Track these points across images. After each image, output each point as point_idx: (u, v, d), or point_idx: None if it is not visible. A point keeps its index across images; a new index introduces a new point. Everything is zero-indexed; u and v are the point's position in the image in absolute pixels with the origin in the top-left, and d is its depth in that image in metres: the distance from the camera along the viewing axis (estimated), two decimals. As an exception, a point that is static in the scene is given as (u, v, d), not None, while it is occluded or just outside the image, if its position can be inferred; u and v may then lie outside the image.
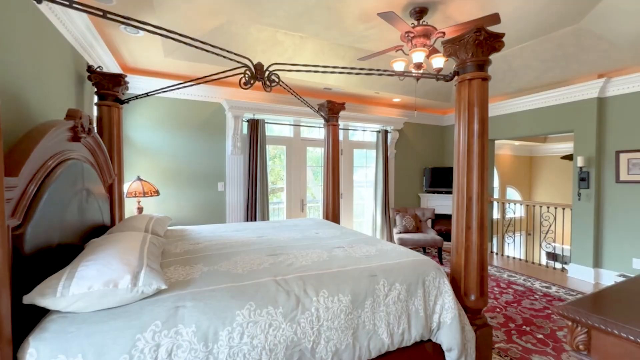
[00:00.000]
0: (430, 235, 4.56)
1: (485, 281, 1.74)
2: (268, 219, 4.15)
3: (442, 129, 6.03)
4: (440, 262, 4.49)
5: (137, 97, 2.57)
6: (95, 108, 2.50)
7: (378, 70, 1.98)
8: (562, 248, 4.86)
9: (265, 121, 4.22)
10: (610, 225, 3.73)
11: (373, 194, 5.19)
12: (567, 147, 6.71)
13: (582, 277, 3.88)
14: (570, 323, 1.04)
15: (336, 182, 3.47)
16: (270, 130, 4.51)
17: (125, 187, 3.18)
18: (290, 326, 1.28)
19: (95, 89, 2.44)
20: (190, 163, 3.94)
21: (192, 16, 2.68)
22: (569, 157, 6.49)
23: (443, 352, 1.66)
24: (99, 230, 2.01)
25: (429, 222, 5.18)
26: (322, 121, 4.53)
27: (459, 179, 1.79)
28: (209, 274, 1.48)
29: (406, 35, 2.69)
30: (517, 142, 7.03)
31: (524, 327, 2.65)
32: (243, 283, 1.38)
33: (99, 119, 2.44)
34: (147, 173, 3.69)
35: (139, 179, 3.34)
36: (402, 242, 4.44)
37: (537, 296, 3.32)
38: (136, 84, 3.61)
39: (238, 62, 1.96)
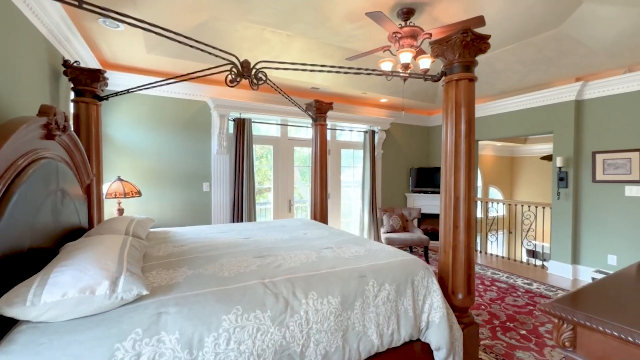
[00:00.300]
0: (417, 234, 4.61)
1: (472, 280, 1.76)
2: (255, 220, 4.09)
3: (428, 130, 6.12)
4: (427, 261, 4.55)
5: (117, 93, 2.47)
6: (71, 105, 2.38)
7: (367, 69, 1.97)
8: (542, 246, 5.02)
9: (252, 120, 4.15)
10: (587, 223, 3.88)
11: (360, 193, 5.21)
12: (546, 147, 6.95)
13: (561, 274, 4.01)
14: (556, 320, 1.05)
15: (324, 182, 3.45)
16: (257, 130, 4.44)
17: (105, 187, 3.05)
18: (279, 330, 1.24)
19: (72, 85, 2.32)
20: (174, 163, 3.82)
21: (174, 11, 2.60)
22: (548, 158, 6.73)
23: (431, 351, 1.66)
24: (75, 234, 1.91)
25: (415, 222, 5.24)
26: (310, 121, 4.51)
27: (446, 179, 1.81)
28: (194, 277, 1.43)
29: (394, 35, 2.70)
30: (499, 143, 7.22)
31: (508, 323, 2.71)
32: (229, 286, 1.33)
33: (76, 116, 2.32)
34: (129, 173, 3.56)
35: (119, 179, 3.21)
36: (390, 242, 4.47)
37: (519, 293, 3.41)
38: (116, 81, 3.47)
39: (224, 59, 1.91)
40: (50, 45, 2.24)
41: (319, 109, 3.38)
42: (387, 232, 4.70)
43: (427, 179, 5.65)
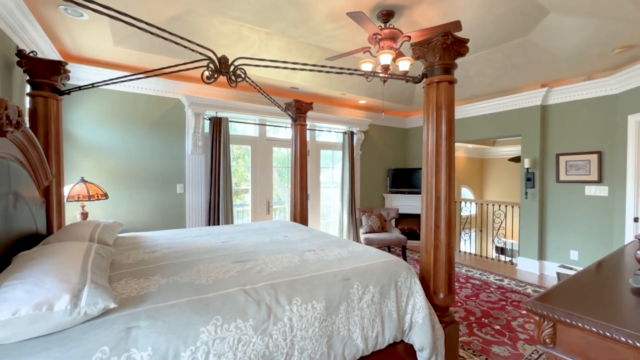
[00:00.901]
0: (395, 234, 4.68)
1: (453, 279, 1.78)
2: (232, 223, 3.95)
3: (405, 131, 6.25)
4: (405, 260, 4.63)
5: (80, 88, 2.27)
6: (27, 99, 2.16)
7: (349, 69, 1.95)
8: (512, 243, 5.29)
9: (229, 119, 4.01)
10: (551, 221, 4.12)
11: (340, 194, 5.21)
12: (513, 150, 7.33)
13: (529, 269, 4.23)
14: (537, 318, 1.08)
15: (304, 183, 3.40)
16: (234, 129, 4.31)
17: (66, 190, 2.81)
18: (262, 339, 1.18)
19: (28, 77, 2.11)
20: (145, 163, 3.61)
21: (145, 1, 2.44)
22: (515, 159, 7.10)
23: (414, 352, 1.67)
24: (31, 241, 1.73)
25: (393, 222, 5.32)
26: (289, 121, 4.44)
27: (427, 179, 1.83)
28: (168, 286, 1.33)
29: (374, 37, 2.71)
30: (470, 145, 7.53)
31: (483, 319, 2.80)
32: (208, 295, 1.25)
33: (33, 111, 2.11)
34: (93, 174, 3.31)
35: (83, 180, 2.97)
36: (369, 242, 4.50)
37: (492, 289, 3.54)
38: (79, 74, 3.22)
39: (201, 53, 1.81)
40: (1, 32, 2.02)
41: (299, 109, 3.33)
42: (366, 233, 4.73)
43: (404, 179, 5.76)
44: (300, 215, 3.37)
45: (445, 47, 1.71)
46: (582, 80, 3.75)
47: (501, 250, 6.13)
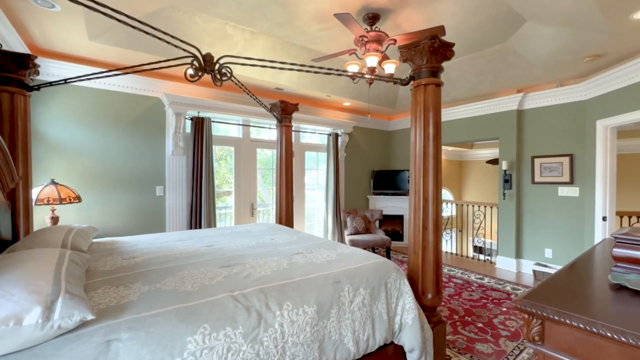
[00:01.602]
0: (379, 235, 4.72)
1: (441, 279, 1.80)
2: (215, 226, 3.84)
3: (389, 134, 6.34)
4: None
5: (51, 83, 2.12)
6: (-10, 94, 2.00)
7: (337, 70, 1.94)
8: (490, 242, 5.47)
9: (212, 120, 3.91)
10: (528, 221, 4.29)
11: (324, 196, 5.19)
12: (490, 152, 7.61)
13: (507, 267, 4.39)
14: (526, 316, 1.10)
15: (290, 185, 3.36)
16: (217, 130, 4.20)
17: (35, 192, 2.62)
18: (252, 347, 1.14)
19: (-9, 71, 1.95)
20: (122, 164, 3.44)
21: (125, -5, 2.33)
22: (492, 162, 7.38)
23: (404, 353, 1.67)
24: (-6, 248, 1.59)
25: (377, 223, 5.37)
26: (273, 122, 4.39)
27: (415, 181, 1.84)
28: (150, 294, 1.25)
29: (360, 39, 2.73)
30: (450, 148, 7.76)
31: (466, 317, 2.86)
32: (194, 302, 1.19)
33: (-4, 108, 1.95)
34: (65, 176, 3.12)
35: (53, 182, 2.79)
36: (354, 243, 4.51)
37: (473, 287, 3.64)
38: (50, 69, 3.03)
39: (184, 50, 1.74)
40: (-39, 21, 1.86)
41: (285, 110, 3.29)
42: (351, 234, 4.74)
43: (388, 181, 5.84)
44: (286, 217, 3.33)
45: (432, 50, 1.73)
46: (554, 87, 3.94)
47: (480, 250, 6.34)
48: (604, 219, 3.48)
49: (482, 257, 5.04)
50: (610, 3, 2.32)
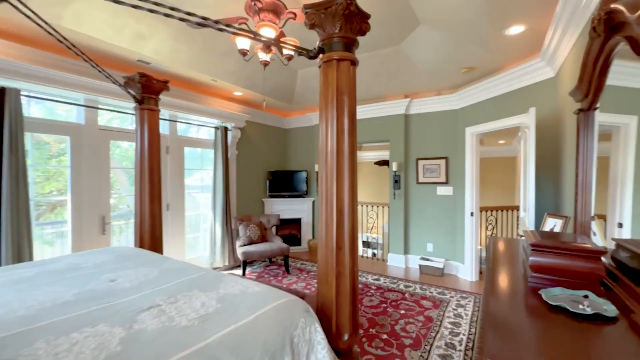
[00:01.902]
0: (277, 243, 4.23)
1: (357, 313, 1.42)
2: (31, 257, 2.53)
3: (285, 132, 5.92)
4: (287, 271, 4.24)
5: None
6: None
7: (217, 22, 1.31)
8: (376, 237, 5.79)
9: (23, 93, 2.56)
10: (413, 219, 4.60)
11: (212, 201, 4.33)
12: (377, 154, 8.20)
13: (397, 264, 4.60)
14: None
15: (156, 191, 2.46)
16: (41, 111, 2.83)
17: None
18: None
19: None
20: None
21: None
22: (380, 163, 7.96)
23: None
24: None
25: (274, 229, 4.86)
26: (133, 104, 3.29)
27: (326, 187, 1.40)
28: None
29: (253, 4, 2.14)
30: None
31: (371, 330, 2.67)
32: None
33: None
34: None
35: None
36: (247, 256, 3.87)
37: (372, 291, 3.57)
38: None
39: None
40: None
41: (147, 87, 2.38)
42: (244, 245, 4.08)
43: (284, 183, 5.41)
44: (152, 235, 2.42)
45: (347, 15, 1.33)
46: (434, 95, 4.31)
47: (367, 244, 6.70)
48: (472, 214, 3.97)
49: (370, 251, 5.24)
50: (490, 16, 2.48)
